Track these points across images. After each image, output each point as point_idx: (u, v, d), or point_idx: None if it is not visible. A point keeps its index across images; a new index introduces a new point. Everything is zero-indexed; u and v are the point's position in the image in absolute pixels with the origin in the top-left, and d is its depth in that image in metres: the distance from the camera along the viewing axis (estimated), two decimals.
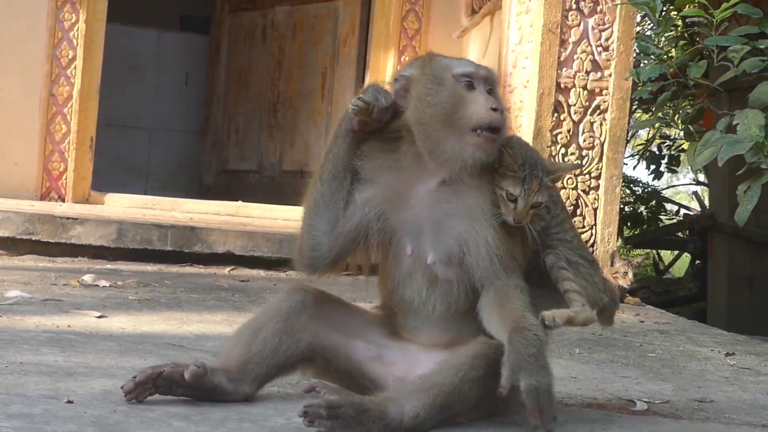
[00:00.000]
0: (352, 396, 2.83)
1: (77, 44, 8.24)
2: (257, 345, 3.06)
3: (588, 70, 7.33)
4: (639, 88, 4.53)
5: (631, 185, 15.68)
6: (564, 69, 7.32)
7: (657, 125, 14.32)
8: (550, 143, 7.30)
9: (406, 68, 3.19)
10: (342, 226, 3.13)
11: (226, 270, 6.80)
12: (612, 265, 6.90)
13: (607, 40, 7.35)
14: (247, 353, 3.06)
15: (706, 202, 14.35)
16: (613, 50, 7.34)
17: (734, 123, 3.96)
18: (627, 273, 6.86)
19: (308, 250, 3.17)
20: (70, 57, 8.24)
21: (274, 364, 3.08)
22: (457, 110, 3.03)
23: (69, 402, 2.75)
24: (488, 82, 3.11)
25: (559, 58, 7.31)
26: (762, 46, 4.11)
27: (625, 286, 6.83)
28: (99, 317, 4.51)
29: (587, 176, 7.37)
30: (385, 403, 2.83)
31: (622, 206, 13.98)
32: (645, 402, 3.71)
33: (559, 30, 7.28)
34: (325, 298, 3.20)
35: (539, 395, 2.86)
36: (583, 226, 7.36)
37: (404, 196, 3.12)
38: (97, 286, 5.53)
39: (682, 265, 16.86)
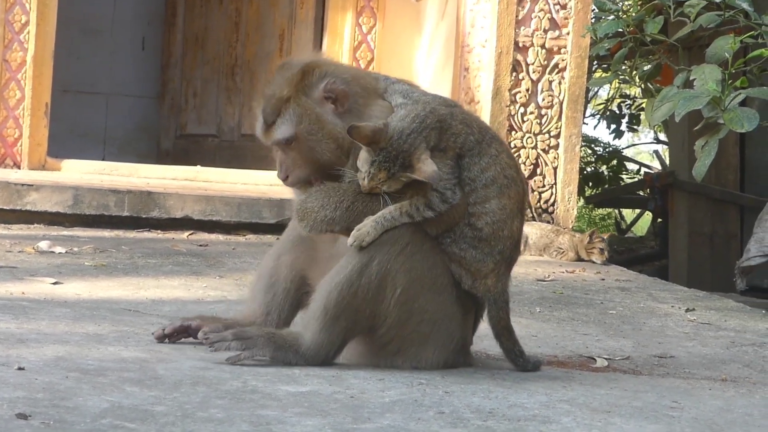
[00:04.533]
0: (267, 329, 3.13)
1: (30, 8, 8.10)
2: (275, 289, 3.34)
3: (546, 28, 7.30)
4: (596, 45, 4.52)
5: (592, 145, 15.71)
6: (522, 28, 7.29)
7: (616, 84, 14.37)
8: (509, 102, 7.28)
9: None
10: None
11: (185, 235, 6.75)
12: (590, 241, 6.95)
13: None
14: (266, 301, 3.35)
15: (667, 162, 14.39)
16: (570, 8, 7.32)
17: (691, 78, 3.95)
18: (603, 250, 6.96)
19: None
20: (23, 22, 8.10)
21: (290, 304, 3.34)
22: None
23: (20, 369, 2.71)
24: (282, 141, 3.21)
25: (516, 16, 7.27)
26: (718, 0, 4.10)
27: (598, 262, 6.90)
28: (54, 284, 4.46)
29: (546, 135, 7.36)
30: (299, 331, 3.09)
31: (583, 166, 14.02)
32: (605, 359, 3.71)
33: None
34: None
35: None
36: (543, 186, 7.36)
37: None
38: (52, 252, 5.47)
39: (644, 223, 16.94)
